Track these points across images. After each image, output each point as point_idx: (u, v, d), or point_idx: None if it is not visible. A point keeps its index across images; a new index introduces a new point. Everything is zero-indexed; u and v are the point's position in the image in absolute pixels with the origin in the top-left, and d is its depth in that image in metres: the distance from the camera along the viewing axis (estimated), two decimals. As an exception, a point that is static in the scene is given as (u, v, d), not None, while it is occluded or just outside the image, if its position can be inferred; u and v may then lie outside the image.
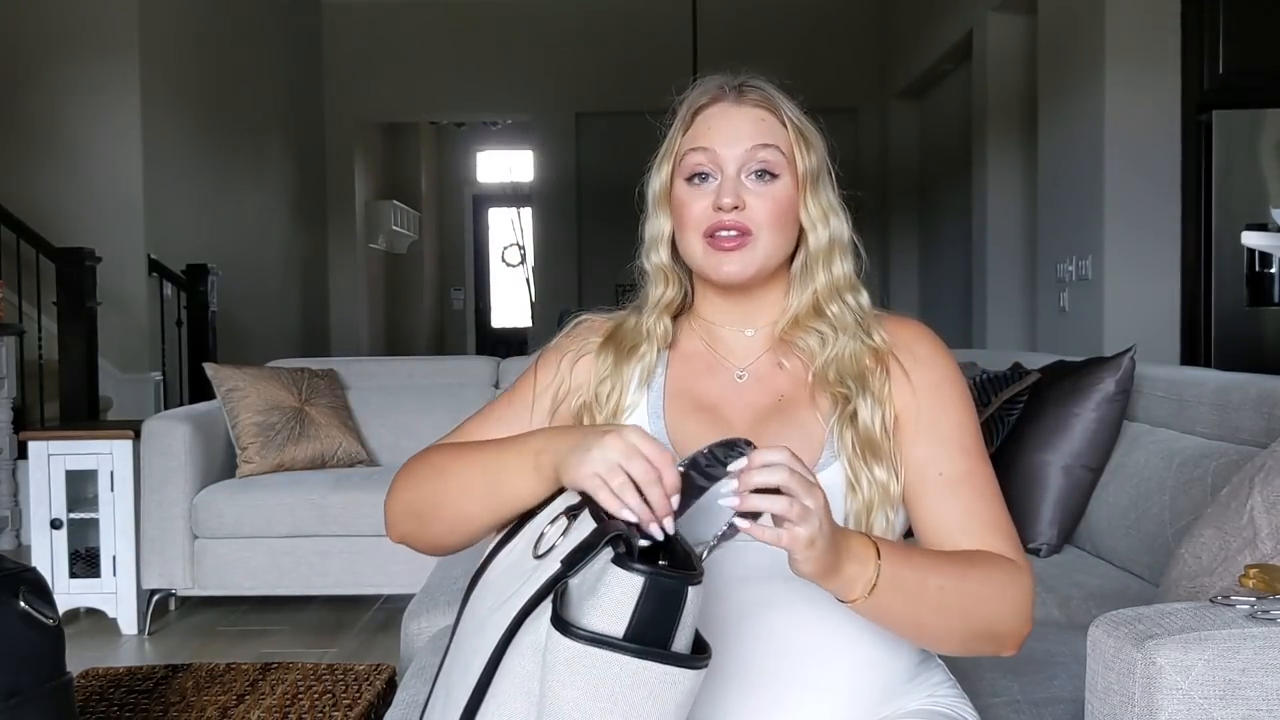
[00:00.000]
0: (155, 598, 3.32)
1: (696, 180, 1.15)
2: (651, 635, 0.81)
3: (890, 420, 1.12)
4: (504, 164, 11.21)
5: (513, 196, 10.82)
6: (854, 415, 1.11)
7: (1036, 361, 2.60)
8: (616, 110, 8.43)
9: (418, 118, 9.91)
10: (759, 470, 0.89)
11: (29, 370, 4.74)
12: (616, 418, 1.17)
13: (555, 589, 0.85)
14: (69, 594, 3.23)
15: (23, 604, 1.84)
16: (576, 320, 1.28)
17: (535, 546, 0.95)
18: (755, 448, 0.92)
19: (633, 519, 0.89)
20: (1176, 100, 4.06)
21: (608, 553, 0.84)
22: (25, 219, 4.86)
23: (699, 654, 0.85)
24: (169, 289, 5.71)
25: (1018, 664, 1.59)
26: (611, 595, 0.81)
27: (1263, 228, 3.93)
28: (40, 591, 1.90)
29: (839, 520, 1.07)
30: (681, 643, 0.83)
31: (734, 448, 0.92)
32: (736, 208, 1.12)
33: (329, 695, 2.58)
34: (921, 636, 1.05)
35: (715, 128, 1.14)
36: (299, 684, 2.66)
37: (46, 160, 5.46)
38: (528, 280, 10.14)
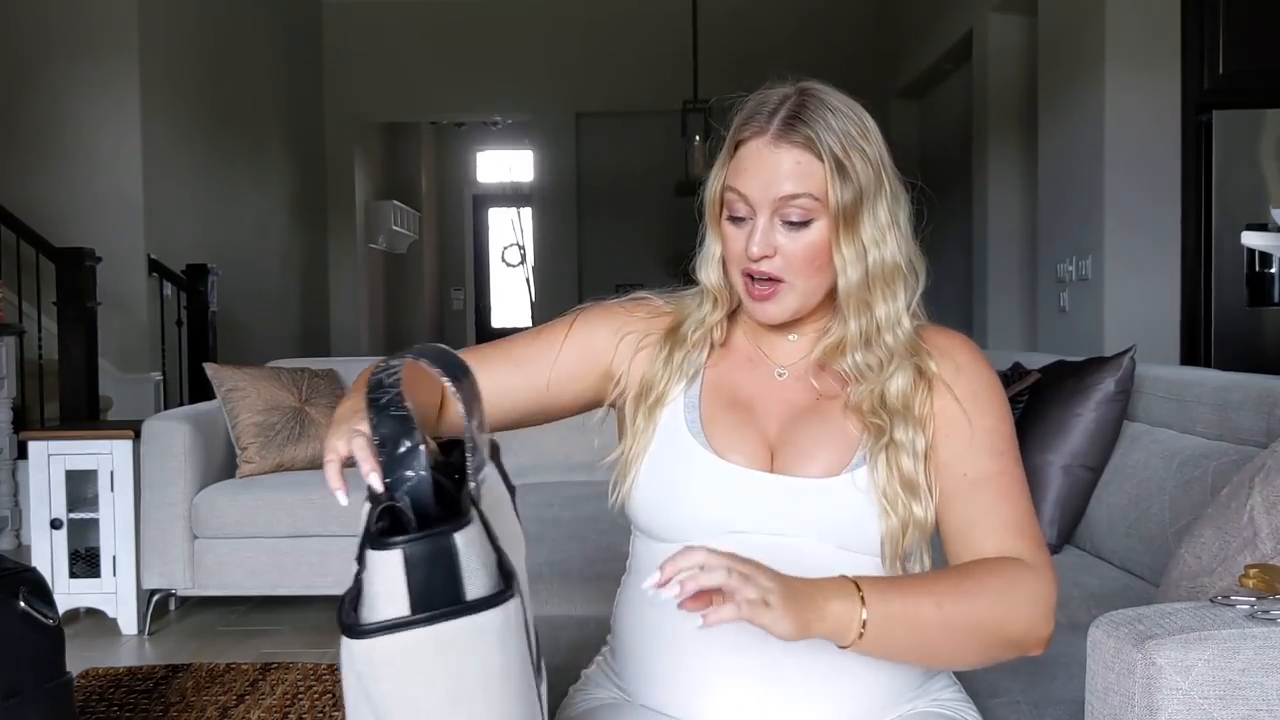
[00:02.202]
0: (155, 598, 3.32)
1: (735, 220, 1.14)
2: (441, 597, 0.78)
3: (930, 440, 1.11)
4: (504, 164, 11.21)
5: (513, 196, 10.82)
6: (890, 446, 1.09)
7: (1036, 361, 2.60)
8: (616, 110, 8.44)
9: (418, 118, 9.91)
10: (693, 572, 0.89)
11: (29, 370, 4.74)
12: (658, 405, 1.16)
13: (347, 592, 0.84)
14: (69, 594, 3.23)
15: (23, 604, 1.84)
16: (636, 297, 1.26)
17: None
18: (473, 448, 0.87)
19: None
20: (1176, 100, 4.06)
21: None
22: (25, 219, 4.86)
23: (503, 588, 0.82)
24: (169, 289, 5.71)
25: (1017, 664, 1.58)
26: (382, 576, 0.79)
27: (1263, 228, 3.93)
28: (40, 591, 1.90)
29: (876, 536, 1.07)
30: (478, 586, 0.80)
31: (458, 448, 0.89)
32: (766, 256, 1.11)
33: (329, 695, 2.58)
34: (935, 660, 1.05)
35: (750, 170, 1.11)
36: (299, 684, 2.66)
37: (46, 160, 5.46)
38: (528, 280, 10.14)
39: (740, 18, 7.87)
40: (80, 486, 3.34)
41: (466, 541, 0.80)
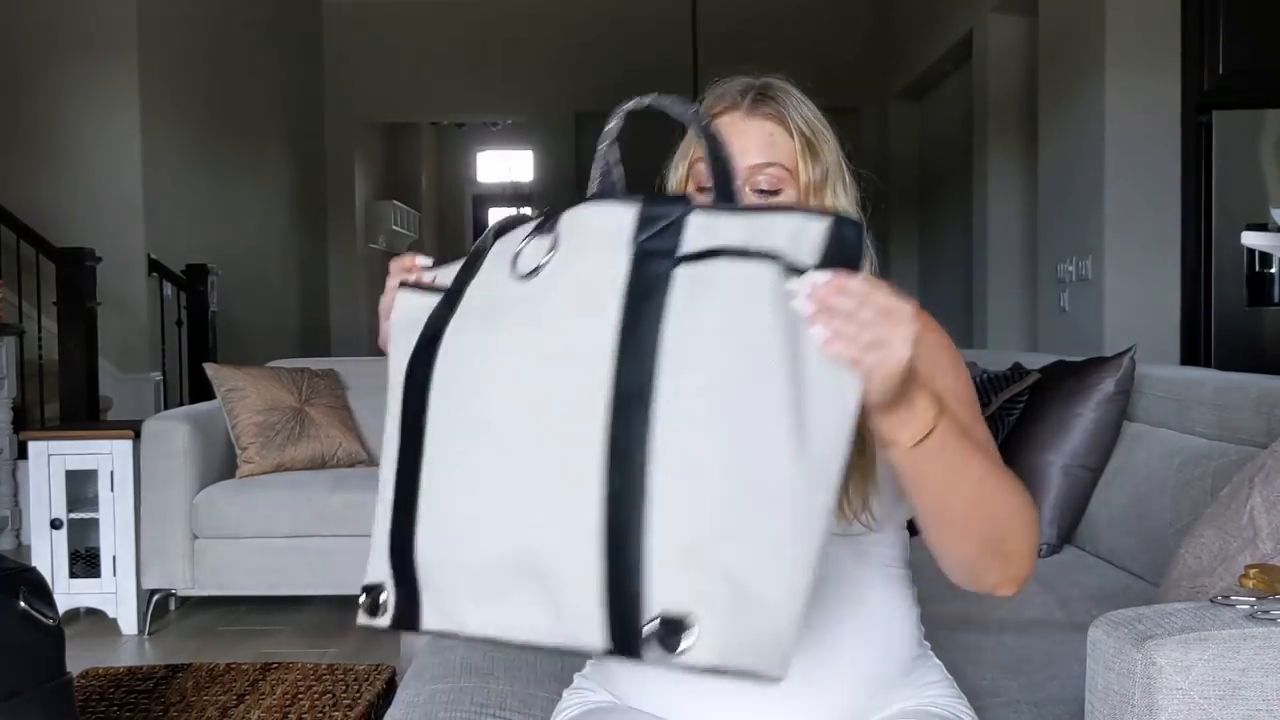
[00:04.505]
0: (155, 598, 3.32)
1: (703, 192, 1.16)
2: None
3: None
4: (504, 164, 11.22)
5: (513, 196, 10.83)
6: None
7: (1036, 361, 2.60)
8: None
9: (418, 118, 9.92)
10: (835, 294, 0.79)
11: (29, 370, 4.74)
12: None
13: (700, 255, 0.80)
14: (69, 594, 3.23)
15: (23, 604, 1.84)
16: None
17: (514, 267, 0.88)
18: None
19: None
20: (1176, 101, 4.06)
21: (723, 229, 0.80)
22: (25, 219, 4.86)
23: None
24: (169, 289, 5.71)
25: (1017, 664, 1.59)
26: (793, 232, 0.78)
27: (1263, 228, 3.93)
28: (40, 591, 1.90)
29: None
30: None
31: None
32: None
33: (329, 695, 2.58)
34: (946, 517, 0.97)
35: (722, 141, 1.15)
36: (299, 684, 2.66)
37: (46, 160, 5.46)
38: (528, 280, 10.13)
39: (740, 18, 7.87)
40: (80, 486, 3.34)
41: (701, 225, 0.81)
